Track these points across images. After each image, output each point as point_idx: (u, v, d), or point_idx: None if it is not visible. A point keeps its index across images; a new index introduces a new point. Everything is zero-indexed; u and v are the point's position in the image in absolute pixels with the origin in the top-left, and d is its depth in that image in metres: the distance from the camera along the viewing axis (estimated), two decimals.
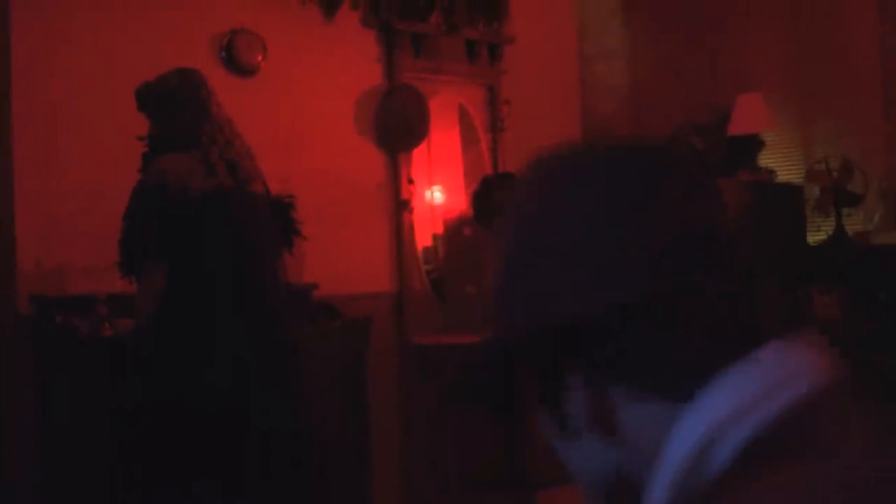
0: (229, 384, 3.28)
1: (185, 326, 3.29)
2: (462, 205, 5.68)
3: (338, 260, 4.90)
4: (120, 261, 3.28)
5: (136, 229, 3.26)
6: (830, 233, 5.01)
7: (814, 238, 5.12)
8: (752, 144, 5.38)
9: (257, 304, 3.43)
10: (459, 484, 4.97)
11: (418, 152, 5.39)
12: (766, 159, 5.42)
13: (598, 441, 0.76)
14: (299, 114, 4.91)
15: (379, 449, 4.83)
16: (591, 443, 0.76)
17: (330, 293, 4.72)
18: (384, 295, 5.15)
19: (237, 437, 3.33)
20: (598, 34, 6.36)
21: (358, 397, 4.65)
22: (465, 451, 4.93)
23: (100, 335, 3.92)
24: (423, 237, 5.51)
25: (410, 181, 5.29)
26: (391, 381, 5.10)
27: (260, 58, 4.78)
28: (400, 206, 5.25)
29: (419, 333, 5.21)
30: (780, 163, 5.45)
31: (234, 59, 4.71)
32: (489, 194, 5.63)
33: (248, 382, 3.32)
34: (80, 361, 3.91)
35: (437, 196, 5.61)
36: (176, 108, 3.35)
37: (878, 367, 4.58)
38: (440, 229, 5.67)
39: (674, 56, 6.07)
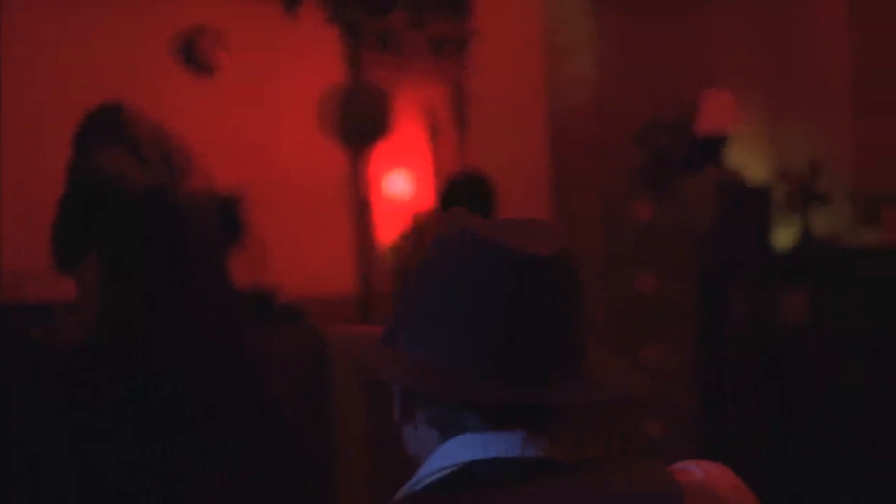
0: (169, 394, 3.20)
1: (123, 332, 3.20)
2: (429, 202, 5.61)
3: (301, 261, 4.82)
4: (55, 254, 3.18)
5: (71, 223, 3.17)
6: (798, 233, 4.98)
7: (781, 239, 5.09)
8: (719, 142, 5.33)
9: (198, 306, 3.34)
10: None
11: (383, 150, 5.30)
12: (733, 157, 5.38)
13: (412, 430, 1.16)
14: (261, 112, 4.81)
15: (345, 455, 4.75)
16: (410, 430, 1.16)
17: (294, 295, 4.64)
18: (349, 296, 5.07)
19: (180, 444, 3.25)
20: (565, 27, 6.29)
21: (322, 402, 4.58)
22: None
23: (56, 344, 3.82)
24: (390, 235, 5.43)
25: (374, 180, 5.22)
26: (357, 388, 5.02)
27: (221, 56, 4.67)
28: (364, 205, 5.17)
29: None
30: (748, 161, 5.41)
31: (194, 58, 4.60)
32: (456, 192, 5.56)
33: (190, 391, 3.24)
34: (35, 371, 3.80)
35: (403, 193, 5.53)
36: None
37: (846, 369, 4.57)
38: (406, 227, 5.59)
39: (642, 49, 6.02)
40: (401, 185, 5.50)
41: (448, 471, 1.06)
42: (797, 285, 4.83)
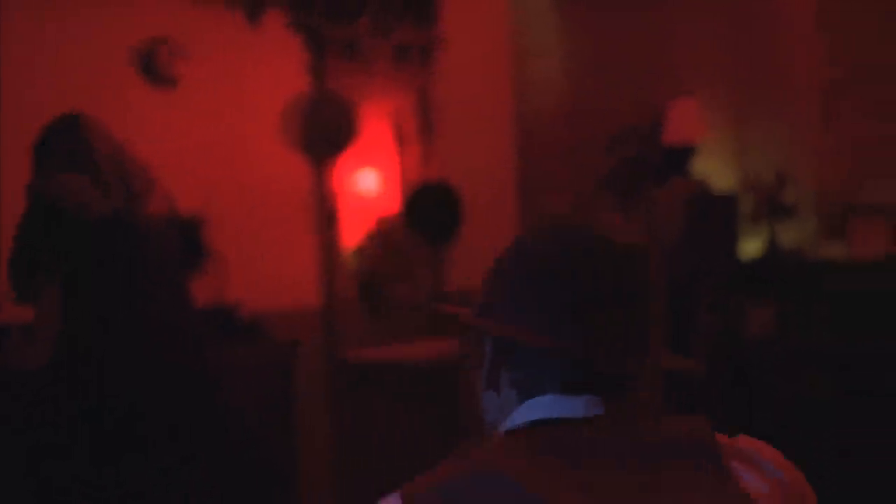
0: (127, 414, 3.15)
1: (81, 354, 3.14)
2: (394, 210, 5.56)
3: (264, 274, 4.76)
4: (13, 283, 3.11)
5: (29, 250, 3.10)
6: (765, 245, 4.97)
7: (748, 250, 5.07)
8: (686, 152, 5.31)
9: (156, 328, 3.29)
10: None
11: (349, 159, 5.25)
12: (700, 167, 5.35)
13: (493, 396, 1.30)
14: (223, 124, 4.73)
15: (309, 471, 4.72)
16: (492, 396, 1.29)
17: (256, 309, 4.59)
18: (313, 309, 5.02)
19: (139, 463, 3.20)
20: (531, 29, 6.24)
21: (285, 421, 4.55)
22: (401, 470, 4.83)
23: (13, 365, 3.75)
24: (356, 245, 5.38)
25: (339, 190, 5.17)
26: (321, 401, 4.98)
27: (182, 68, 4.60)
28: (329, 215, 5.12)
29: (351, 346, 5.09)
30: (715, 171, 5.38)
31: (153, 70, 4.52)
32: (421, 201, 5.52)
33: (149, 411, 3.19)
34: None
35: (370, 202, 5.48)
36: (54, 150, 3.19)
37: (812, 381, 4.57)
38: (371, 236, 5.54)
39: (610, 50, 5.98)
40: (367, 194, 5.44)
41: (517, 425, 1.23)
42: (764, 297, 4.81)
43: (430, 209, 5.48)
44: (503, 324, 1.27)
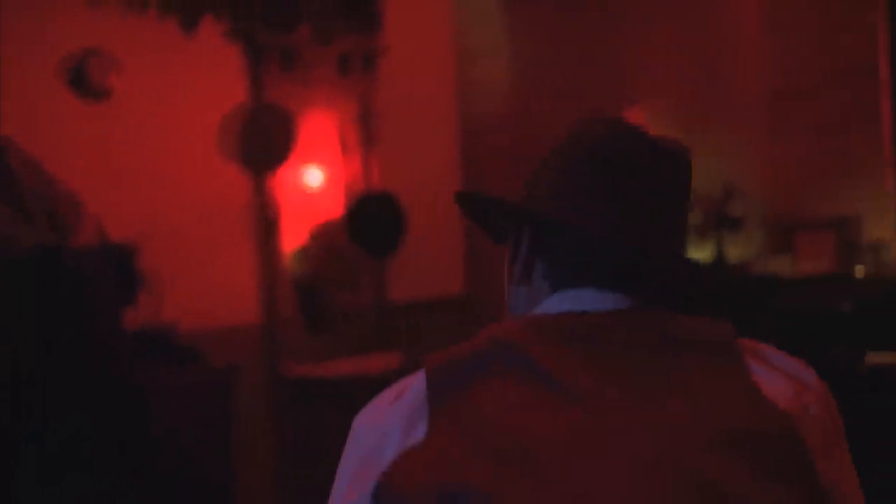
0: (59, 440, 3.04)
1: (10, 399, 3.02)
2: (337, 220, 5.45)
3: (203, 292, 4.63)
4: None
5: None
6: (711, 259, 4.92)
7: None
8: None
9: (86, 357, 3.17)
10: None
11: (289, 171, 5.12)
12: None
13: (525, 291, 1.33)
14: (158, 137, 4.58)
15: (249, 490, 4.61)
16: (523, 291, 1.32)
17: (197, 328, 4.46)
18: (253, 326, 4.90)
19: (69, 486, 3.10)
20: (478, 29, 6.14)
21: (224, 441, 4.44)
22: None
23: None
24: (295, 254, 5.27)
25: (280, 203, 5.04)
26: (262, 419, 4.87)
27: (114, 79, 4.44)
28: (269, 230, 4.99)
29: (293, 361, 4.98)
30: None
31: (84, 82, 4.36)
32: (363, 211, 5.42)
33: (78, 438, 3.08)
34: None
35: (311, 215, 5.36)
36: None
37: None
38: (313, 238, 5.42)
39: (559, 54, 5.89)
40: (309, 205, 5.32)
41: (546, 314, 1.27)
42: (709, 310, 4.76)
43: (372, 220, 5.37)
44: (544, 209, 1.28)
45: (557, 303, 1.28)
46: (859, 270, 4.77)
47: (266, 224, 4.98)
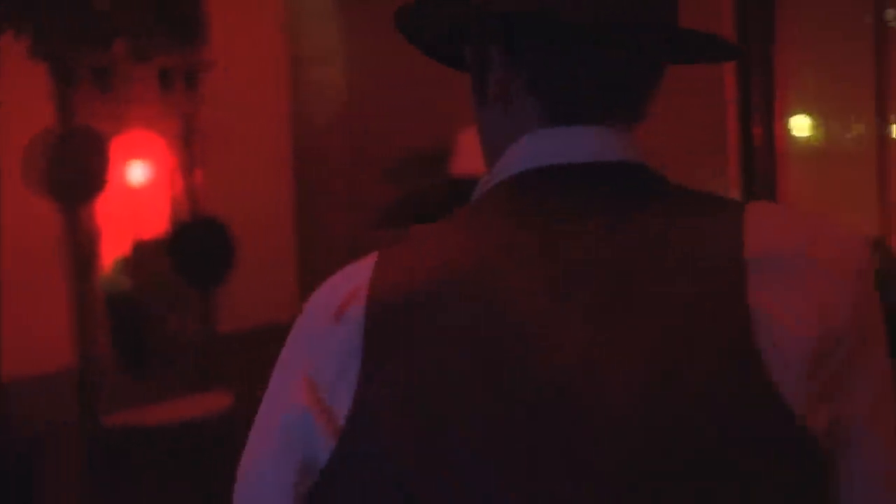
0: None
1: None
2: (160, 242, 5.09)
3: (9, 337, 4.22)
4: None
5: None
6: None
7: None
8: (475, 184, 5.03)
9: None
10: None
11: (105, 200, 4.73)
12: None
13: (498, 111, 1.09)
14: None
15: None
16: (494, 111, 1.09)
17: (11, 373, 4.09)
18: (64, 371, 4.50)
19: None
20: (311, 36, 5.82)
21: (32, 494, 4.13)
22: None
23: None
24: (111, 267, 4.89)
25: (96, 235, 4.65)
26: (75, 477, 4.50)
27: None
28: (85, 265, 4.60)
29: (111, 407, 4.63)
30: None
31: None
32: (187, 239, 5.08)
33: None
34: None
35: (130, 247, 4.97)
36: None
37: None
38: (131, 262, 5.05)
39: (393, 57, 5.59)
40: (128, 239, 4.94)
41: (517, 172, 1.06)
42: None
43: (197, 247, 5.03)
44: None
45: (529, 154, 1.05)
46: None
47: (80, 259, 4.58)
